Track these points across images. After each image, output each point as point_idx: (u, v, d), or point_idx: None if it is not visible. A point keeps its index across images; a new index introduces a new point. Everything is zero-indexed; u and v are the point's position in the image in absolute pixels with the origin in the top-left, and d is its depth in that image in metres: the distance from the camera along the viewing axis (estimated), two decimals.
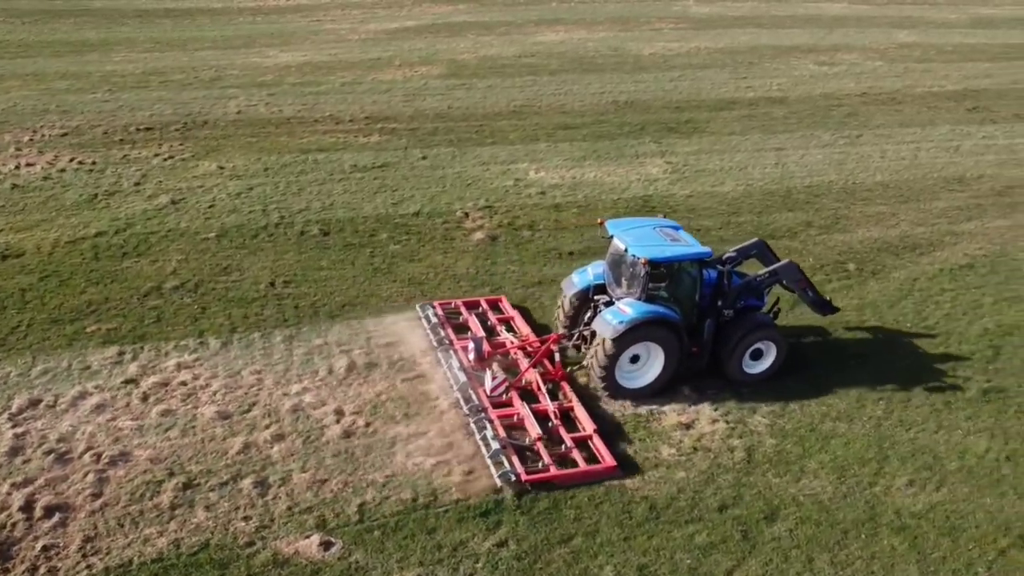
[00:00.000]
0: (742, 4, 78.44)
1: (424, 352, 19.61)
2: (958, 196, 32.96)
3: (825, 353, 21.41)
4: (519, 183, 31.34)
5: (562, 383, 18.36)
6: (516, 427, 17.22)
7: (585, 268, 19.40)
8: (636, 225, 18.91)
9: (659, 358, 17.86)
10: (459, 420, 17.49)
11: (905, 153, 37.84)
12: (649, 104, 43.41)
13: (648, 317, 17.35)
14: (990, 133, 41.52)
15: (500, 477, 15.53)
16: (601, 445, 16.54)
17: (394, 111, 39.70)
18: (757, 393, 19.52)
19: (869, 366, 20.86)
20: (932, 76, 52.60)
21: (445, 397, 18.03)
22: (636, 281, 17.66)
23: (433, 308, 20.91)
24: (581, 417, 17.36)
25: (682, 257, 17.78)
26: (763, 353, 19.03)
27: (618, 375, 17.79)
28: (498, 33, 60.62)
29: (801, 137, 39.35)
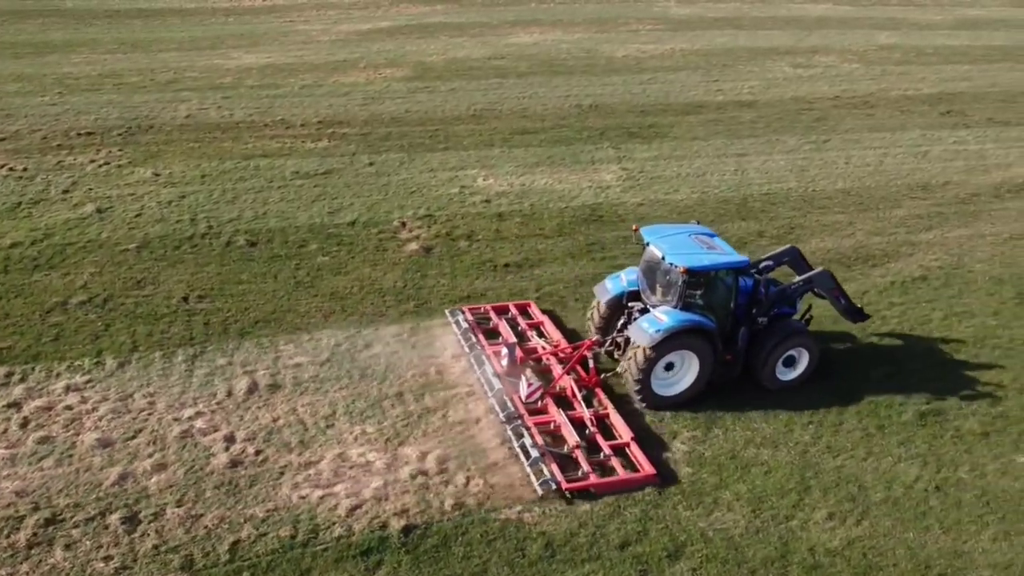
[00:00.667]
0: (724, 5, 77.41)
1: (456, 358, 19.54)
2: (920, 204, 32.00)
3: None
4: (464, 191, 30.35)
5: (596, 390, 18.24)
6: (553, 434, 17.24)
7: (618, 274, 19.28)
8: (671, 232, 18.70)
9: (694, 366, 17.78)
10: (363, 447, 16.49)
11: (871, 159, 36.86)
12: (614, 108, 42.42)
13: (685, 325, 17.25)
14: (962, 138, 40.56)
15: (540, 485, 15.38)
16: (639, 453, 16.44)
17: (349, 115, 38.72)
18: (679, 417, 18.55)
19: (802, 387, 19.84)
20: (909, 79, 51.62)
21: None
22: (672, 289, 17.53)
23: (463, 313, 20.72)
24: (617, 424, 17.28)
25: (721, 266, 17.64)
26: (795, 360, 18.92)
27: (653, 383, 17.66)
28: (471, 34, 59.62)
29: (766, 142, 38.36)
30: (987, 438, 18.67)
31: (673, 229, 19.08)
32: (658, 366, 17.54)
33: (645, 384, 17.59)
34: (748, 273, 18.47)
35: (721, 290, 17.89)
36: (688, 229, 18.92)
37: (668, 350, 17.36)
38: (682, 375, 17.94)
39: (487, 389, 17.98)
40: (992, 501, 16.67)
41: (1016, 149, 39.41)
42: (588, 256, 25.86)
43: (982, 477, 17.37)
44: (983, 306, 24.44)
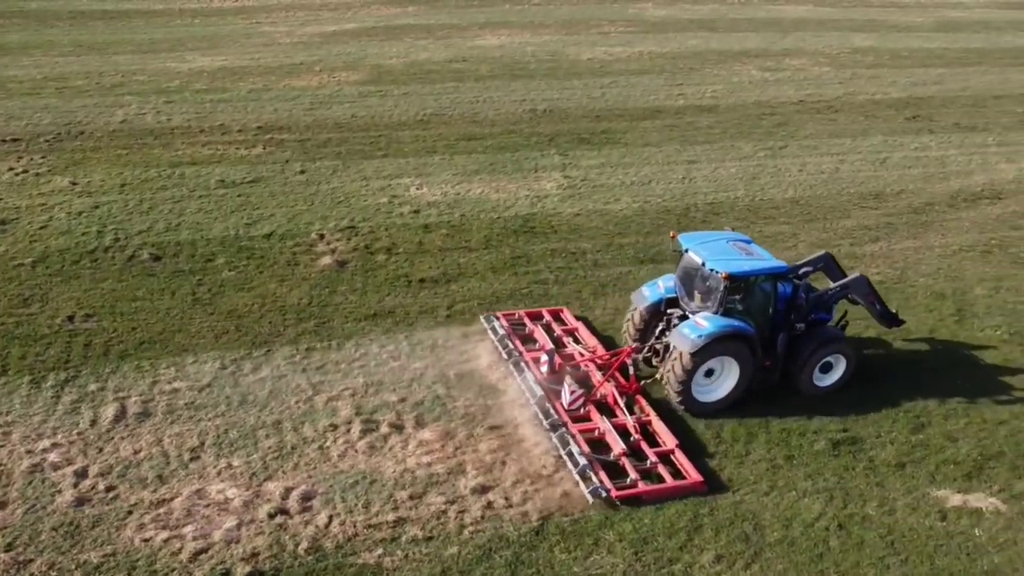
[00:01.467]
0: (701, 7, 76.35)
1: (493, 365, 19.45)
2: (870, 214, 30.88)
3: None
4: (394, 200, 29.24)
5: (637, 397, 18.15)
6: (597, 441, 17.14)
7: (655, 281, 19.24)
8: (709, 239, 18.73)
9: (734, 372, 17.77)
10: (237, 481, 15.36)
11: (827, 166, 35.75)
12: (569, 113, 41.34)
13: (726, 331, 17.28)
14: (924, 144, 39.46)
15: (590, 493, 15.29)
16: (685, 460, 16.33)
17: (292, 120, 37.61)
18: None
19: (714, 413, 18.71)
20: (878, 82, 50.53)
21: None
22: (712, 295, 17.56)
23: (498, 319, 20.58)
24: (660, 431, 17.19)
25: (761, 272, 17.74)
26: (832, 366, 18.93)
27: (693, 389, 17.65)
28: (438, 36, 58.54)
29: (720, 149, 37.27)
30: (902, 469, 17.53)
31: (710, 236, 19.15)
32: (699, 372, 17.50)
33: (686, 390, 17.58)
34: (787, 279, 18.42)
35: (760, 296, 17.98)
36: (725, 235, 18.98)
37: (709, 356, 17.35)
38: (722, 381, 17.93)
39: (529, 396, 17.90)
40: (897, 541, 15.55)
41: (979, 156, 38.32)
42: (511, 270, 24.74)
43: (891, 513, 16.25)
44: (920, 323, 23.34)
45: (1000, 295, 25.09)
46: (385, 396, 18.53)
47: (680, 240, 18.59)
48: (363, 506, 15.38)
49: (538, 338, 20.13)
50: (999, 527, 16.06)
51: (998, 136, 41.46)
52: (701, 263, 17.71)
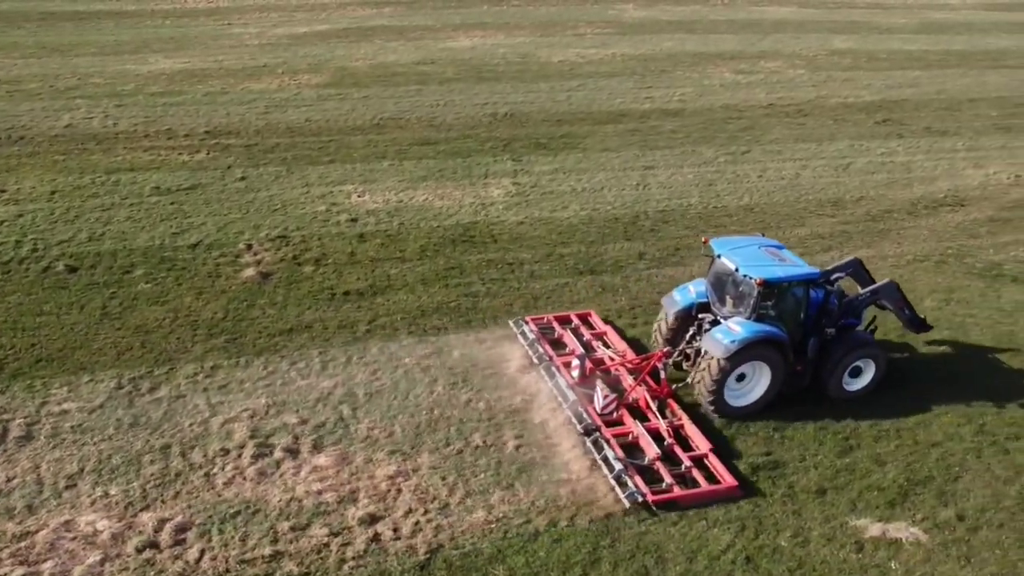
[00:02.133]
0: (683, 8, 75.54)
1: (523, 369, 19.48)
2: (826, 222, 30.01)
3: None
4: (333, 208, 28.40)
5: (669, 401, 18.16)
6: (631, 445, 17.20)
7: (686, 286, 19.32)
8: (741, 244, 18.80)
9: (765, 376, 17.88)
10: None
11: (788, 172, 34.88)
12: (530, 116, 40.48)
13: (759, 336, 17.39)
14: (892, 149, 38.60)
15: (627, 497, 15.36)
16: (719, 464, 16.39)
17: (243, 124, 36.77)
18: (475, 468, 16.52)
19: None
20: (852, 85, 49.66)
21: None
22: (745, 300, 17.68)
23: (528, 324, 20.64)
24: (693, 435, 17.24)
25: (795, 277, 17.84)
26: (862, 371, 19.00)
27: (725, 393, 17.71)
28: (409, 38, 57.72)
29: (681, 153, 36.41)
30: (822, 496, 16.66)
31: (742, 241, 19.18)
32: (731, 377, 17.58)
33: (718, 394, 17.63)
34: (819, 284, 18.51)
35: (792, 301, 18.04)
36: (756, 241, 19.06)
37: (742, 361, 17.45)
38: (753, 385, 18.01)
39: (561, 400, 17.93)
40: (807, 575, 14.61)
41: (946, 161, 37.46)
42: (442, 282, 23.88)
43: (803, 545, 15.39)
44: None
45: (950, 307, 24.24)
46: (286, 418, 17.67)
47: (712, 245, 18.61)
48: (240, 539, 14.52)
49: (567, 342, 20.23)
50: (917, 559, 15.21)
51: (968, 141, 40.60)
52: (734, 268, 17.74)
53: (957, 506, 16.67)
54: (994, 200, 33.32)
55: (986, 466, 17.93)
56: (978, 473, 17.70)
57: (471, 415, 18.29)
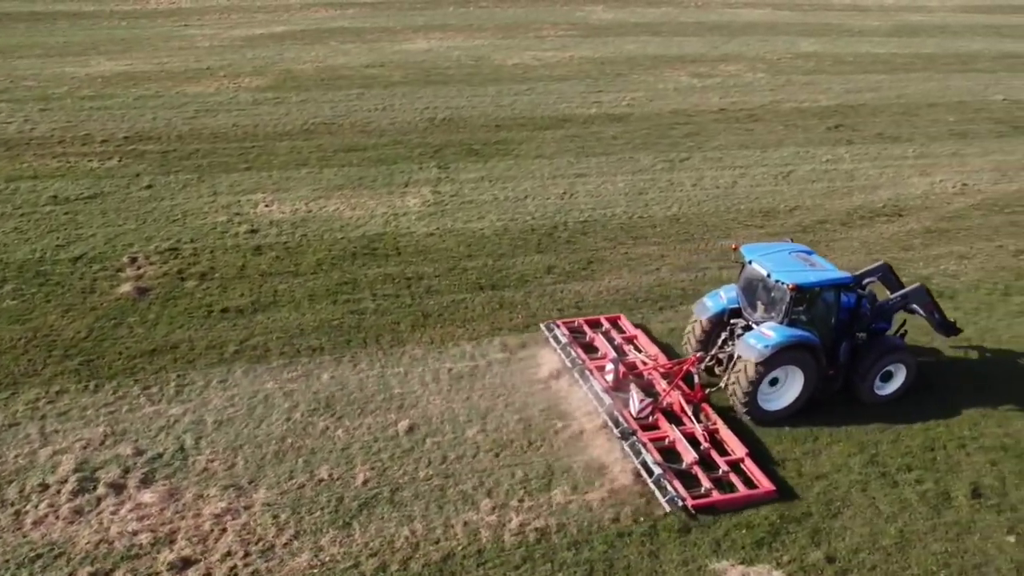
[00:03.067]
0: (654, 10, 74.40)
1: (558, 373, 19.50)
2: (754, 233, 28.87)
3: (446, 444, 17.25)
4: (235, 219, 27.29)
5: (703, 405, 18.29)
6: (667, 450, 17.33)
7: (717, 292, 19.48)
8: (771, 250, 19.00)
9: (798, 381, 18.04)
10: None
11: (725, 180, 33.74)
12: (469, 121, 39.36)
13: (792, 341, 17.55)
14: (838, 156, 37.46)
15: (667, 502, 15.48)
16: (755, 469, 16.54)
17: (168, 130, 35.69)
18: (314, 505, 15.37)
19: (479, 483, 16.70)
20: (811, 89, 48.55)
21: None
22: (777, 305, 17.84)
23: (559, 327, 20.81)
24: (728, 440, 17.38)
25: (827, 283, 18.01)
26: (892, 375, 19.10)
27: (758, 397, 17.88)
28: (366, 40, 56.62)
29: (617, 160, 35.27)
30: (686, 535, 15.52)
31: (772, 247, 19.39)
32: (764, 381, 17.73)
33: (752, 399, 17.79)
34: (850, 289, 18.65)
35: (824, 306, 18.23)
36: (786, 247, 19.22)
37: (775, 365, 17.61)
38: (786, 390, 18.19)
39: (597, 405, 18.06)
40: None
41: (892, 168, 36.34)
42: (331, 298, 22.77)
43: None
44: None
45: None
46: (121, 448, 16.57)
47: (742, 252, 18.77)
48: None
49: (599, 346, 20.40)
50: None
51: (919, 147, 39.49)
52: (766, 274, 17.88)
53: (830, 546, 15.57)
54: (934, 210, 32.22)
55: (870, 500, 16.81)
56: (860, 509, 16.60)
57: (325, 445, 17.19)
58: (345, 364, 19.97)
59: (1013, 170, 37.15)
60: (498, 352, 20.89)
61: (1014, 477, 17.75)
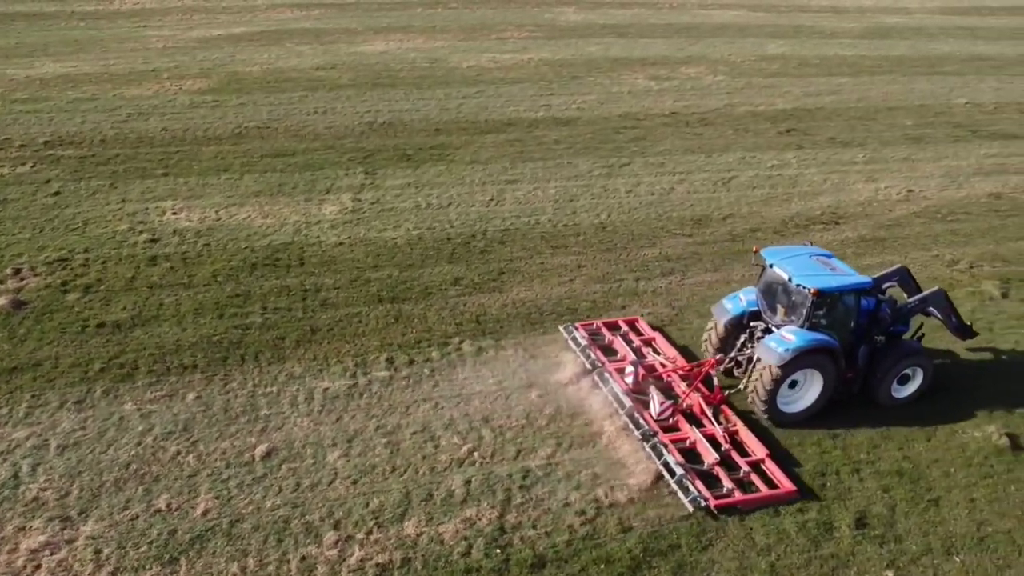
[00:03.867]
0: (625, 12, 73.50)
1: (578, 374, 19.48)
2: (681, 242, 27.91)
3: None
4: (137, 227, 26.37)
5: (723, 407, 18.40)
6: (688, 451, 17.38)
7: (736, 295, 19.55)
8: (792, 254, 19.01)
9: (817, 383, 18.16)
10: None
11: (662, 186, 32.77)
12: (409, 125, 38.40)
13: (812, 345, 17.65)
14: (785, 161, 36.49)
15: (690, 502, 15.60)
16: (776, 469, 16.69)
17: (92, 134, 34.76)
18: (143, 539, 14.39)
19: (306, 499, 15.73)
20: (770, 92, 47.61)
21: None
22: (798, 309, 17.98)
23: (577, 330, 20.93)
24: (749, 441, 17.53)
25: (848, 287, 18.07)
26: (910, 378, 19.22)
27: (778, 400, 17.98)
28: (324, 41, 55.65)
29: (555, 166, 34.31)
30: (540, 571, 14.52)
31: (793, 251, 19.34)
32: (783, 384, 17.78)
33: (771, 401, 17.89)
34: (871, 293, 18.70)
35: (844, 310, 18.29)
36: (806, 250, 19.24)
37: (795, 368, 17.70)
38: (804, 392, 18.30)
39: (617, 407, 18.16)
40: None
41: (838, 174, 35.41)
42: (217, 312, 21.80)
43: None
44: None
45: None
46: None
47: (763, 255, 18.82)
48: None
49: (618, 348, 20.54)
50: None
51: (871, 152, 38.55)
52: (787, 278, 17.98)
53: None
54: (874, 217, 31.26)
55: (746, 531, 15.79)
56: (733, 540, 15.64)
57: (171, 472, 16.21)
58: (215, 383, 18.97)
59: (963, 176, 36.18)
60: (382, 370, 19.92)
61: (905, 505, 16.77)
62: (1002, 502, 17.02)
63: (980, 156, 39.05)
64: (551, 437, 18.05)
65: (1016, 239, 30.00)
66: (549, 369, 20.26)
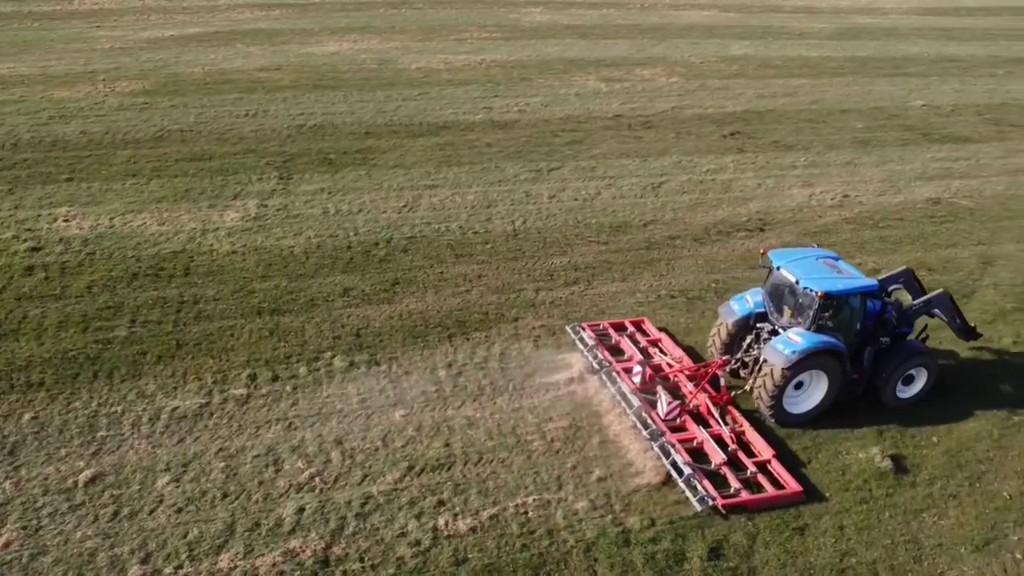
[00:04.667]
0: (593, 12, 72.75)
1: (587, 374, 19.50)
2: (593, 250, 26.97)
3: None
4: (23, 235, 25.50)
5: (730, 408, 18.49)
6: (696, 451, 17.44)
7: (743, 296, 19.65)
8: (799, 256, 19.12)
9: (822, 385, 18.26)
10: None
11: (588, 192, 31.88)
12: (340, 129, 37.49)
13: (819, 347, 17.77)
14: (722, 165, 35.60)
15: (697, 501, 15.64)
16: (782, 470, 16.75)
17: (5, 138, 33.92)
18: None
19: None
20: (723, 95, 46.69)
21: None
22: (805, 311, 18.08)
23: (585, 330, 20.94)
24: (755, 441, 17.59)
25: (855, 290, 18.20)
26: (914, 378, 19.31)
27: (784, 401, 18.08)
28: (276, 43, 54.77)
29: (481, 170, 33.40)
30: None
31: (800, 253, 19.43)
32: (790, 385, 17.91)
33: (778, 402, 18.00)
34: (877, 296, 18.88)
35: (850, 313, 18.41)
36: (813, 253, 19.32)
37: (801, 370, 17.84)
38: (810, 393, 18.40)
39: (625, 406, 18.11)
40: None
41: (774, 179, 34.53)
42: (82, 326, 20.91)
43: None
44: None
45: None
46: None
47: (771, 257, 18.93)
48: None
49: (625, 349, 20.61)
50: None
51: (815, 156, 37.63)
52: (795, 281, 18.09)
53: None
54: (803, 224, 30.31)
55: (590, 563, 14.78)
56: (575, 572, 14.55)
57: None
58: (58, 402, 18.01)
59: (905, 180, 35.21)
60: (241, 388, 18.90)
61: (768, 533, 15.78)
62: (873, 530, 15.99)
63: (926, 160, 38.06)
64: (404, 460, 17.00)
65: (946, 246, 29.03)
66: (421, 384, 19.23)
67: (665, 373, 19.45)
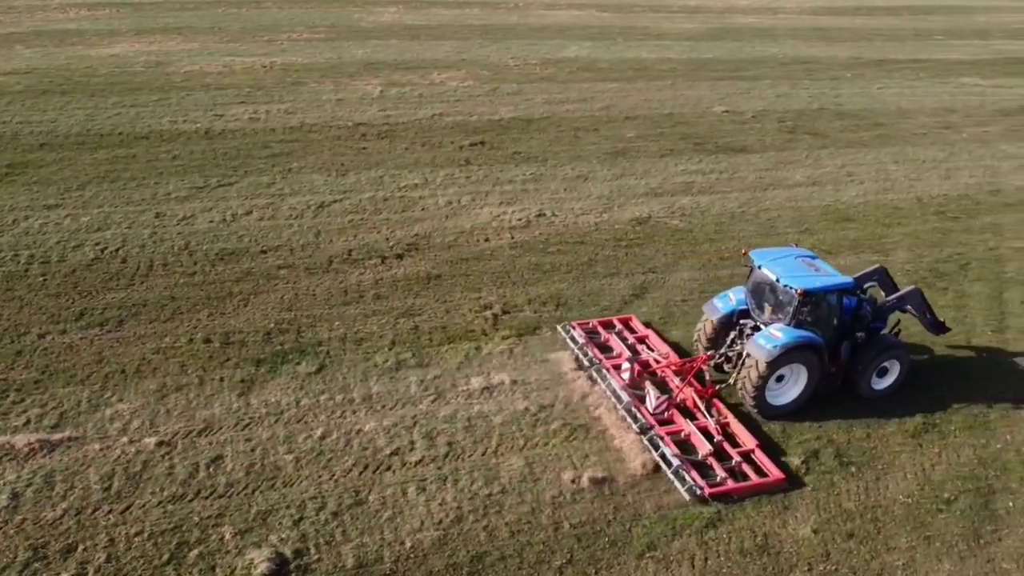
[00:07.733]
0: (450, 12, 68.98)
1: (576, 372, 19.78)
2: (162, 284, 22.91)
3: None
4: None
5: (714, 401, 18.89)
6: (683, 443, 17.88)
7: (726, 293, 20.17)
8: (779, 255, 19.63)
9: (802, 378, 18.76)
10: None
11: (233, 212, 28.71)
12: (17, 138, 33.87)
13: (798, 342, 18.30)
14: (427, 180, 32.01)
15: (686, 491, 16.09)
16: (765, 459, 17.23)
17: None
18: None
19: None
20: (507, 100, 43.45)
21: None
22: (785, 308, 18.63)
23: (574, 328, 21.37)
24: (739, 432, 18.03)
25: (832, 287, 18.73)
26: (888, 371, 19.85)
27: (766, 394, 18.49)
28: (65, 44, 51.51)
29: (137, 187, 30.34)
30: None
31: (780, 252, 19.94)
32: (771, 378, 18.38)
33: (760, 395, 18.44)
34: (853, 293, 19.48)
35: (828, 309, 18.94)
36: (792, 252, 19.88)
37: (782, 364, 18.35)
38: (791, 386, 18.88)
39: (615, 401, 18.65)
40: None
41: (471, 196, 30.95)
42: None
43: None
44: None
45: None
46: None
47: (752, 256, 19.44)
48: None
49: (614, 346, 20.90)
50: None
51: (546, 169, 34.36)
52: (775, 279, 18.57)
53: None
54: (457, 249, 26.78)
55: None
56: None
57: None
58: None
59: (627, 197, 31.42)
60: None
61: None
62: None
63: (675, 173, 34.22)
64: None
65: (605, 275, 25.27)
66: None
67: (652, 369, 19.78)
